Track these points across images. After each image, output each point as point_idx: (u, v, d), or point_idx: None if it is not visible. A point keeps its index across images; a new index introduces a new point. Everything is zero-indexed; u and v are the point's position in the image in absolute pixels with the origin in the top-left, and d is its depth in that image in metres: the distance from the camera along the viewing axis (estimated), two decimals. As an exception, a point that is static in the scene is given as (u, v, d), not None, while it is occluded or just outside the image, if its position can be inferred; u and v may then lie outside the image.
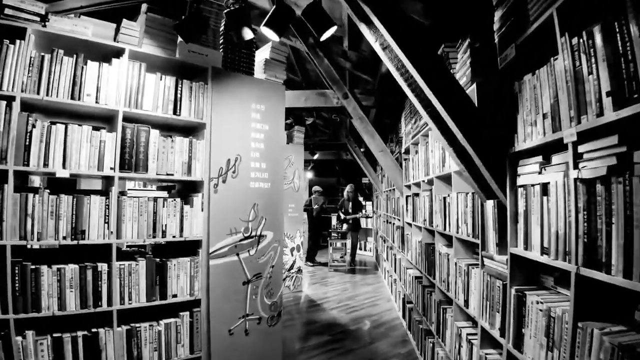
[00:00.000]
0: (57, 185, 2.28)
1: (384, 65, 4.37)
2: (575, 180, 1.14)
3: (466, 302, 2.09)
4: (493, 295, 1.72)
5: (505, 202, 1.58)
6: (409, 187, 3.91)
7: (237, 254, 2.59)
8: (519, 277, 1.54)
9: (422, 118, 3.12)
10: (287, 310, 4.72)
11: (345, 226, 7.71)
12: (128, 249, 2.90)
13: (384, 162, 4.22)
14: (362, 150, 8.01)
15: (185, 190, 2.78)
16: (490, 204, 1.72)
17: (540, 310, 1.32)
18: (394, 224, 5.15)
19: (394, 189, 5.06)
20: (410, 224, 3.75)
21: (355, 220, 7.65)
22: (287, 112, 5.54)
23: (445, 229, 2.48)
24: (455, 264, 2.23)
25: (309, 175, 11.33)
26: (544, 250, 1.31)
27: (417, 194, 3.43)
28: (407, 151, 4.00)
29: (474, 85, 1.87)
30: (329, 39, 4.44)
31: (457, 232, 2.21)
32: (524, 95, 1.49)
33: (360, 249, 9.52)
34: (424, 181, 3.11)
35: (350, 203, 7.79)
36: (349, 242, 7.77)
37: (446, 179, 2.60)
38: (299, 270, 5.76)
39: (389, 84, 4.36)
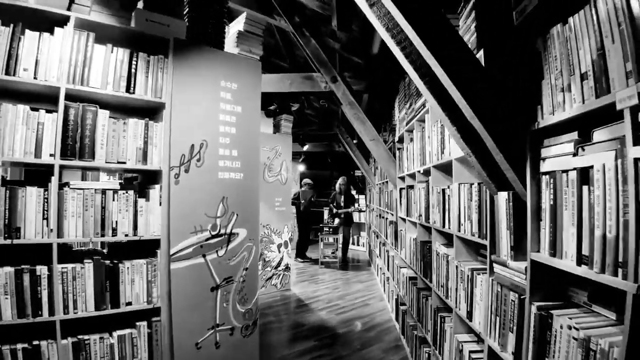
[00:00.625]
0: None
1: (376, 45, 4.01)
2: (637, 161, 0.80)
3: (469, 313, 1.75)
4: (505, 310, 1.38)
5: (525, 193, 1.24)
6: (402, 179, 3.57)
7: (204, 256, 2.23)
8: (542, 290, 1.20)
9: (418, 100, 2.76)
10: (273, 311, 4.39)
11: (337, 220, 7.37)
12: (82, 248, 2.56)
13: (376, 151, 3.87)
14: (354, 141, 7.65)
15: (145, 181, 2.42)
16: (503, 196, 1.37)
17: (575, 338, 0.99)
18: (387, 218, 4.82)
19: (387, 182, 4.72)
20: (404, 219, 3.42)
21: (347, 215, 7.31)
22: (270, 97, 5.16)
23: (443, 226, 2.14)
24: (457, 267, 1.89)
25: (301, 168, 10.96)
26: (583, 259, 0.96)
27: (411, 186, 3.09)
28: (401, 140, 3.65)
29: (482, 52, 1.51)
30: (317, 17, 4.07)
31: (459, 231, 1.87)
32: (551, 53, 1.13)
33: (353, 244, 9.21)
34: (419, 171, 2.76)
35: (343, 196, 7.45)
36: (340, 237, 7.44)
37: (445, 168, 2.26)
38: (287, 268, 5.43)
39: (381, 66, 4.00)
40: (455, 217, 1.90)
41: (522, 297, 1.27)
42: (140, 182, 2.51)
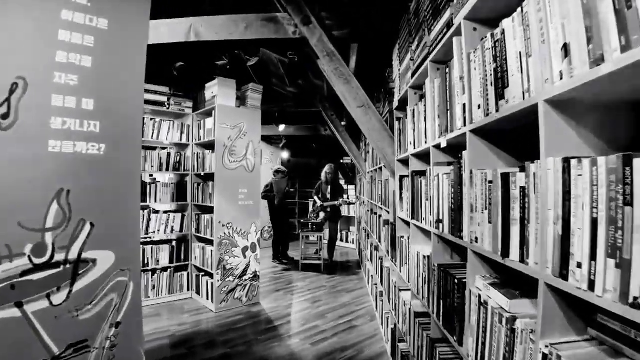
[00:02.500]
0: None
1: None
2: None
3: None
4: None
5: None
6: (404, 162, 2.47)
7: (19, 305, 1.12)
8: None
9: (435, 26, 1.64)
10: (230, 339, 3.31)
11: (322, 215, 6.24)
12: None
13: (366, 124, 2.76)
14: (342, 123, 6.50)
15: None
16: None
17: None
18: (380, 215, 3.73)
19: (381, 168, 3.62)
20: (407, 222, 2.33)
21: (334, 208, 6.19)
22: (219, 48, 3.77)
23: (506, 254, 1.04)
24: (546, 358, 0.81)
25: (285, 155, 9.79)
26: None
27: (420, 173, 2.00)
28: (402, 105, 2.53)
29: None
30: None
31: (565, 277, 0.77)
32: None
33: (341, 240, 8.14)
34: (436, 147, 1.66)
35: (329, 187, 6.31)
36: (326, 234, 6.35)
37: (499, 133, 1.17)
38: (255, 276, 4.34)
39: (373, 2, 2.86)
40: (551, 239, 0.80)
41: None
42: None
